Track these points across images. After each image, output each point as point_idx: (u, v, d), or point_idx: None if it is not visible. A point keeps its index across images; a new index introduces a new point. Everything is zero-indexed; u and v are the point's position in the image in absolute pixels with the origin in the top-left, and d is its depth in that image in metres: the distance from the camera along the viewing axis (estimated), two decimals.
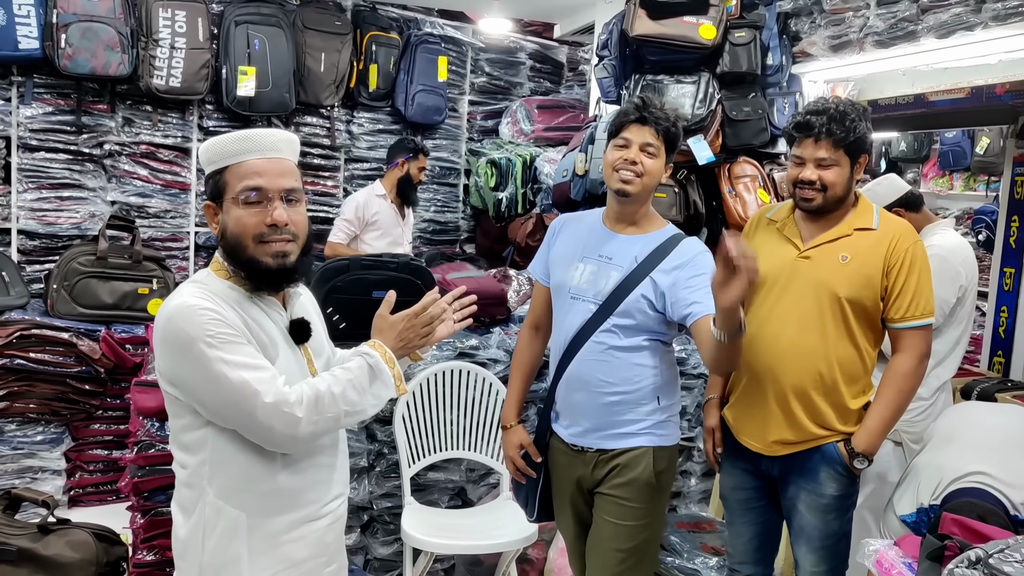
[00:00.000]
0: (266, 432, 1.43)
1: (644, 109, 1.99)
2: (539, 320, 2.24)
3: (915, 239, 2.07)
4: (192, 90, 3.81)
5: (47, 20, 3.48)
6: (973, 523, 1.73)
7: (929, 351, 2.09)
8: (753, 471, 2.21)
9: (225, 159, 1.48)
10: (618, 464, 2.03)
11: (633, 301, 1.97)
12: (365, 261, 2.85)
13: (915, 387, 2.08)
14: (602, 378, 2.01)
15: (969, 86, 3.94)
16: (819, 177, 2.03)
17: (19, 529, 2.21)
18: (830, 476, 2.07)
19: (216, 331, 1.40)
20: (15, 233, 3.67)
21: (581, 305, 2.02)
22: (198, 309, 1.40)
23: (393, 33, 4.60)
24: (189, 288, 1.47)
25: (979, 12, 2.78)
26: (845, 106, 2.04)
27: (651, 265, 1.98)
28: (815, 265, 2.08)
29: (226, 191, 1.47)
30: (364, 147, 4.69)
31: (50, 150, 3.71)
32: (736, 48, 3.42)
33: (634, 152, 1.98)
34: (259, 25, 4.00)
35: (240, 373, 1.39)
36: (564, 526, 2.22)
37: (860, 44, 3.29)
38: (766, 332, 2.11)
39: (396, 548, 2.77)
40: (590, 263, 2.04)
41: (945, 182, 6.92)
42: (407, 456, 2.70)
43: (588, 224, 2.13)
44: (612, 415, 2.02)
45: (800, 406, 2.07)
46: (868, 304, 2.04)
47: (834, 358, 2.05)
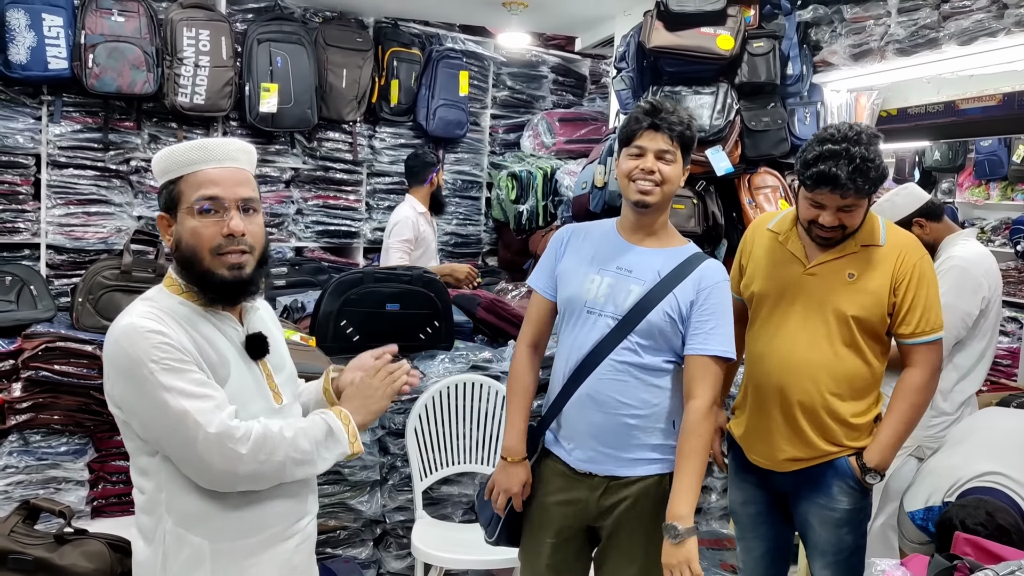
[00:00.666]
0: (204, 466, 1.37)
1: (656, 114, 1.89)
2: (539, 338, 2.08)
3: (922, 254, 2.03)
4: (216, 107, 3.88)
5: (75, 41, 3.57)
6: (986, 543, 1.67)
7: (941, 364, 2.06)
8: (763, 486, 2.17)
9: (180, 168, 1.44)
10: (631, 493, 1.91)
11: (656, 318, 1.86)
12: (378, 274, 2.87)
13: (927, 401, 2.05)
14: (620, 399, 1.89)
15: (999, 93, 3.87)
16: (840, 220, 1.96)
17: (36, 539, 2.25)
18: (842, 490, 2.04)
19: (161, 356, 1.35)
20: (44, 248, 3.75)
21: (599, 320, 1.90)
22: (144, 331, 1.36)
23: (415, 49, 4.64)
24: (139, 307, 1.42)
25: (1001, 18, 2.73)
26: (864, 149, 1.88)
27: (675, 281, 1.88)
28: (822, 283, 2.03)
29: (180, 201, 1.43)
30: (386, 161, 4.72)
31: (78, 167, 3.79)
32: (755, 58, 3.40)
33: (650, 161, 1.87)
34: (281, 43, 4.06)
35: (182, 402, 1.34)
36: (532, 553, 2.03)
37: (881, 52, 3.25)
38: (776, 349, 2.07)
39: (409, 562, 2.77)
40: (607, 275, 1.92)
41: (981, 192, 6.77)
42: (419, 469, 2.69)
43: (601, 234, 2.01)
44: (627, 439, 1.90)
45: (808, 423, 2.03)
46: (876, 321, 2.01)
47: (843, 375, 2.01)
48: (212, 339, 1.45)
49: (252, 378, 1.50)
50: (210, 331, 1.45)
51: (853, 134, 1.91)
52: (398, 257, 4.07)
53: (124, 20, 3.65)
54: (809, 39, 3.59)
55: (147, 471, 1.43)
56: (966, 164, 6.73)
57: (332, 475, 2.70)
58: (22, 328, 3.11)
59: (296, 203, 4.44)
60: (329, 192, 4.54)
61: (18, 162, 3.68)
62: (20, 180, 3.70)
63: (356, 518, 2.74)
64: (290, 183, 4.41)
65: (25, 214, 3.72)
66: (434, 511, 2.79)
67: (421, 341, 2.87)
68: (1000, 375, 5.18)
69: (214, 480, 1.40)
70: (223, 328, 1.49)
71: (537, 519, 2.01)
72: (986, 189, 6.73)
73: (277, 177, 4.35)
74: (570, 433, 1.96)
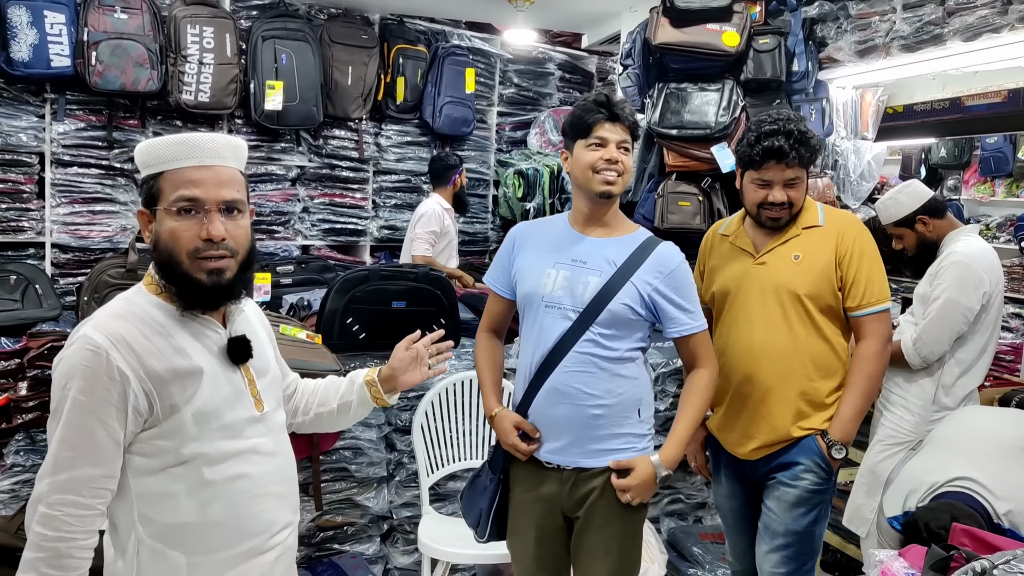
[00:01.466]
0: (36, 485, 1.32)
1: (612, 106, 1.92)
2: (496, 326, 2.14)
3: (860, 229, 2.13)
4: (221, 105, 3.87)
5: (78, 38, 3.56)
6: (983, 534, 1.69)
7: (890, 334, 2.13)
8: (743, 478, 2.23)
9: (160, 163, 1.37)
10: (599, 483, 1.93)
11: (616, 308, 1.88)
12: (384, 271, 2.86)
13: (882, 370, 2.12)
14: (585, 390, 1.90)
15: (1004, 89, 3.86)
16: (787, 196, 2.09)
17: None
18: (807, 468, 2.10)
19: (83, 383, 1.29)
20: (49, 247, 3.75)
21: (558, 314, 1.91)
22: (89, 348, 1.30)
23: (420, 46, 4.63)
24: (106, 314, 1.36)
25: (1005, 14, 2.73)
26: (799, 124, 2.09)
27: (630, 270, 1.90)
28: (771, 269, 2.13)
29: (160, 198, 1.36)
30: (392, 159, 4.72)
31: (82, 165, 3.78)
32: (760, 55, 3.39)
33: (612, 151, 1.90)
34: (286, 40, 4.05)
35: (59, 444, 1.30)
36: (518, 548, 2.06)
37: (887, 49, 3.24)
38: (737, 339, 2.16)
39: (416, 558, 2.76)
40: (563, 268, 1.93)
41: (987, 188, 6.75)
42: (426, 466, 2.69)
43: (554, 228, 2.03)
44: (594, 430, 1.91)
45: (780, 407, 2.10)
46: (828, 297, 2.09)
47: (806, 355, 2.10)
48: (185, 348, 1.38)
49: (231, 386, 1.44)
50: (184, 339, 1.39)
51: (784, 117, 2.10)
52: (424, 248, 4.15)
53: (127, 17, 3.64)
54: (814, 35, 3.58)
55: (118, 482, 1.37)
56: (972, 161, 6.71)
57: (339, 471, 2.70)
58: (27, 327, 3.11)
59: (302, 201, 4.43)
60: (335, 190, 4.54)
61: (22, 160, 3.67)
62: (24, 179, 3.69)
63: (363, 514, 2.74)
64: (296, 181, 4.41)
65: (29, 213, 3.71)
66: (441, 507, 2.79)
67: None
68: (1003, 370, 5.16)
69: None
70: (201, 333, 1.42)
71: (517, 516, 2.04)
72: (991, 186, 6.71)
73: (283, 175, 4.34)
74: (539, 427, 1.97)
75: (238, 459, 1.43)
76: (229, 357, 1.44)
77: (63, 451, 1.31)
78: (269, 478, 1.47)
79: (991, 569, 1.45)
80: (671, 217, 3.34)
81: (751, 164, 2.12)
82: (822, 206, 2.20)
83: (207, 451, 1.39)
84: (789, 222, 2.15)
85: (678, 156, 3.40)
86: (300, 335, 2.57)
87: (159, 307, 1.39)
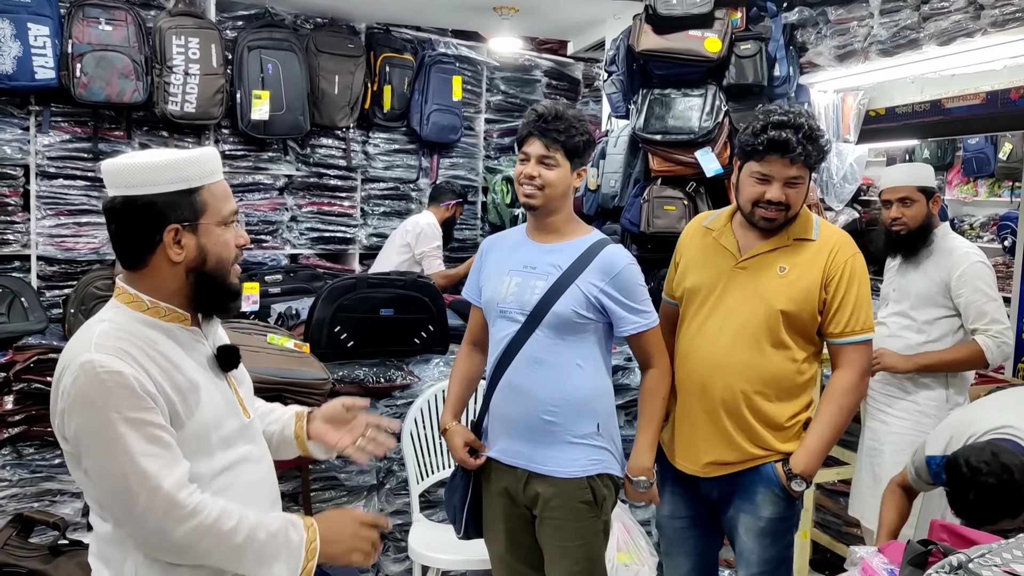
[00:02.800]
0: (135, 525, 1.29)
1: (539, 121, 1.96)
2: (476, 338, 2.22)
3: (854, 251, 1.98)
4: (207, 115, 3.87)
5: (62, 50, 3.56)
6: (962, 529, 1.70)
7: (869, 368, 2.01)
8: (691, 496, 2.11)
9: (203, 177, 1.38)
10: (549, 489, 1.97)
11: (561, 310, 1.93)
12: (372, 279, 2.87)
13: (856, 404, 1.99)
14: (535, 392, 1.96)
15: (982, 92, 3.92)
16: (786, 196, 1.92)
17: (31, 551, 2.25)
18: (767, 498, 1.98)
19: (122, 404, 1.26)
20: (34, 259, 3.74)
21: (508, 318, 1.99)
22: (103, 373, 1.26)
23: (407, 54, 4.64)
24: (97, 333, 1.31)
25: (978, 19, 2.79)
26: (810, 120, 1.92)
27: (575, 273, 1.95)
28: (752, 276, 1.99)
29: (206, 211, 1.38)
30: (380, 167, 4.73)
31: (68, 177, 3.77)
32: (742, 60, 3.42)
33: (532, 166, 1.97)
34: (272, 50, 4.06)
35: (131, 461, 1.26)
36: (493, 542, 2.15)
37: (865, 53, 3.29)
38: (698, 346, 2.03)
39: (407, 565, 2.77)
40: (516, 275, 2.02)
41: (970, 189, 6.84)
42: (415, 473, 2.70)
43: (513, 239, 2.13)
44: (544, 435, 1.96)
45: (733, 424, 1.97)
46: (806, 317, 1.95)
47: (769, 373, 1.96)
48: (178, 363, 1.37)
49: (222, 396, 1.45)
50: (176, 354, 1.38)
51: (796, 110, 1.93)
52: (438, 264, 4.25)
53: (112, 29, 3.64)
54: (795, 41, 3.62)
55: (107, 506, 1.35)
56: (955, 162, 6.81)
57: (328, 480, 2.70)
58: (13, 340, 3.09)
59: (290, 210, 4.44)
60: (323, 199, 4.54)
61: (6, 173, 3.66)
62: (9, 191, 3.68)
63: None
64: (284, 190, 4.41)
65: (15, 225, 3.70)
66: (431, 514, 2.79)
67: (416, 346, 2.88)
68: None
69: (146, 541, 1.31)
70: (189, 346, 1.42)
71: (488, 511, 2.13)
72: (974, 186, 6.80)
73: (271, 184, 4.34)
74: (495, 428, 2.07)
75: (232, 470, 1.43)
76: (220, 366, 1.46)
77: (149, 464, 1.27)
78: (257, 486, 1.49)
79: (967, 563, 1.47)
80: (657, 221, 3.36)
81: (753, 154, 1.93)
82: (819, 220, 2.04)
83: (206, 463, 1.39)
84: (781, 228, 1.99)
85: (663, 161, 3.43)
86: (288, 344, 2.58)
87: (146, 323, 1.37)
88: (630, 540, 2.72)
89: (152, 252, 1.36)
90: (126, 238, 1.37)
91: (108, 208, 1.37)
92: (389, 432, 1.67)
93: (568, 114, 1.98)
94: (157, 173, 1.34)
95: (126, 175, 1.34)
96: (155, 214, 1.34)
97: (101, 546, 1.38)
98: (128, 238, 1.37)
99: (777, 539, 2.01)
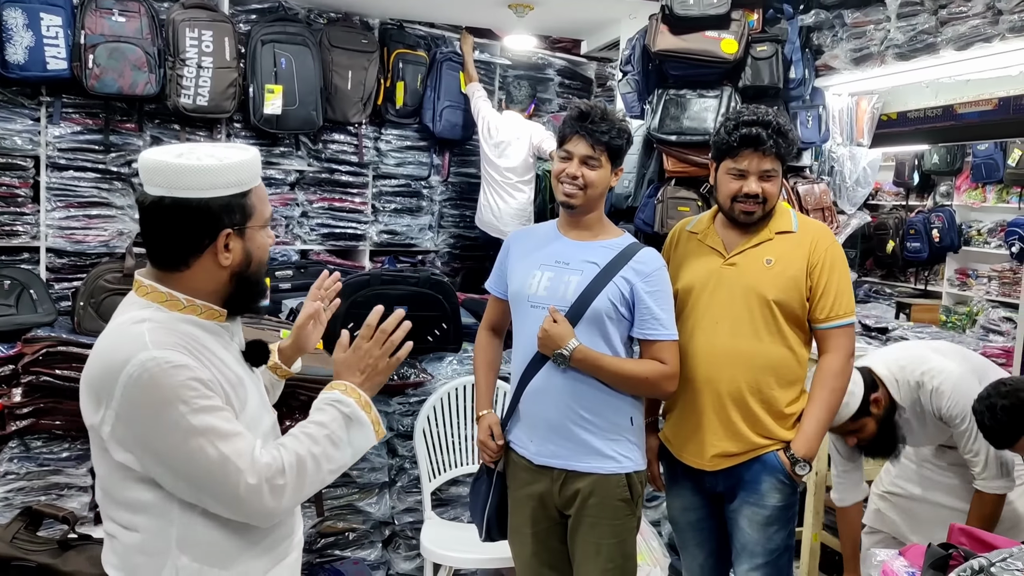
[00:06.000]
0: (248, 509, 1.28)
1: (584, 120, 1.97)
2: (495, 324, 2.25)
3: (832, 240, 2.10)
4: (219, 109, 3.85)
5: (75, 41, 3.54)
6: (980, 533, 1.75)
7: (854, 349, 2.10)
8: (699, 490, 2.17)
9: (252, 180, 1.35)
10: (588, 487, 1.97)
11: (600, 305, 1.95)
12: (386, 276, 2.86)
13: (845, 385, 2.10)
14: (573, 389, 1.96)
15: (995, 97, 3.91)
16: (762, 189, 2.05)
17: (39, 545, 2.22)
18: (772, 487, 2.05)
19: (191, 396, 1.23)
20: (43, 251, 3.71)
21: (542, 313, 1.98)
22: (169, 367, 1.23)
23: (420, 51, 4.62)
24: (152, 334, 1.27)
25: (996, 24, 2.78)
26: (778, 117, 2.07)
27: (614, 270, 1.98)
28: (741, 271, 2.08)
29: (254, 215, 1.35)
30: (392, 164, 4.70)
31: (78, 169, 3.75)
32: (758, 62, 3.41)
33: (575, 166, 1.97)
34: (285, 44, 4.04)
35: (221, 447, 1.24)
36: (519, 544, 2.14)
37: (881, 57, 3.28)
38: (698, 341, 2.10)
39: (418, 563, 2.76)
40: (547, 270, 2.02)
41: (978, 194, 6.84)
42: (428, 471, 2.69)
43: (542, 233, 2.14)
44: (584, 433, 1.96)
45: (739, 414, 2.05)
46: (796, 305, 2.06)
47: (769, 361, 2.05)
48: (223, 358, 1.36)
49: (258, 391, 1.44)
50: (219, 350, 1.36)
51: (763, 110, 2.08)
52: None
53: (125, 20, 3.62)
54: (811, 43, 3.62)
55: (148, 507, 1.30)
56: (963, 167, 6.80)
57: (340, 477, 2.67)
58: (22, 332, 3.08)
59: (301, 205, 4.41)
60: (335, 195, 4.51)
61: (16, 164, 3.63)
62: (19, 183, 3.65)
63: (365, 520, 2.73)
64: (295, 185, 4.39)
65: (24, 217, 3.67)
66: (442, 512, 2.78)
67: (429, 343, 2.86)
68: None
69: (254, 516, 1.31)
70: (227, 344, 1.40)
71: (515, 514, 2.12)
72: (983, 192, 6.79)
73: (282, 179, 4.32)
74: (528, 428, 2.05)
75: None
76: (250, 361, 1.45)
77: (238, 444, 1.26)
78: None
79: (988, 567, 1.49)
80: (671, 222, 3.34)
81: (728, 152, 2.06)
82: (795, 212, 2.16)
83: None
84: (761, 223, 2.10)
85: (677, 162, 3.42)
86: None
87: (187, 321, 1.34)
88: (642, 541, 2.71)
89: (198, 255, 1.32)
90: (169, 239, 1.32)
91: (151, 208, 1.30)
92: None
93: (612, 114, 2.00)
94: (215, 176, 1.29)
95: (181, 176, 1.27)
96: (209, 218, 1.30)
97: (127, 556, 1.32)
98: (172, 240, 1.32)
99: (781, 528, 2.08)
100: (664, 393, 2.08)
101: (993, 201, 6.69)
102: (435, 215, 4.92)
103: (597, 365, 1.95)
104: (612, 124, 1.97)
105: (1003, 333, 6.10)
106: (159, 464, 1.26)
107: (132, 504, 1.30)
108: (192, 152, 1.29)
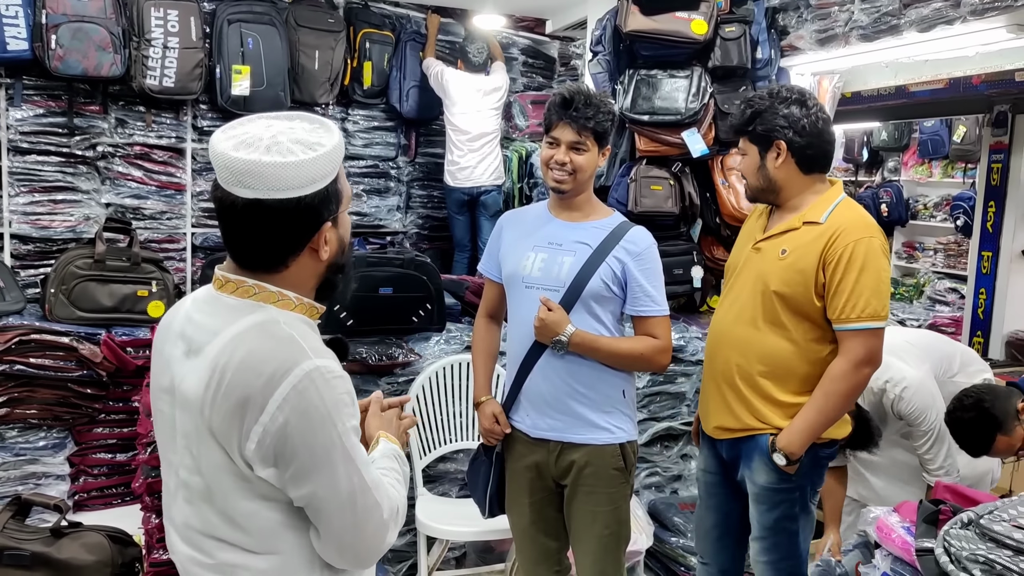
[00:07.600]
0: (367, 542, 1.21)
1: (568, 106, 2.00)
2: (493, 310, 2.27)
3: (860, 236, 1.93)
4: (186, 90, 3.79)
5: (36, 20, 3.44)
6: (963, 489, 1.89)
7: (870, 358, 1.95)
8: (714, 454, 2.24)
9: (340, 163, 1.23)
10: (584, 458, 2.05)
11: (595, 285, 2.01)
12: (371, 258, 2.87)
13: (846, 393, 1.98)
14: (570, 367, 2.03)
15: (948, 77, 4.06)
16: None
17: (31, 534, 2.21)
18: (761, 466, 2.06)
19: (346, 418, 1.17)
20: (8, 237, 3.63)
21: (537, 294, 2.03)
22: (334, 377, 1.16)
23: (387, 30, 4.59)
24: (304, 339, 1.17)
25: (958, 7, 2.87)
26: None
27: (607, 249, 2.02)
28: (761, 257, 2.08)
29: (343, 199, 1.24)
30: (360, 144, 4.67)
31: (42, 152, 3.67)
32: (727, 43, 3.48)
33: (562, 152, 2.01)
34: (252, 23, 3.98)
35: (364, 475, 1.18)
36: (516, 515, 2.19)
37: (845, 38, 3.36)
38: (716, 318, 2.20)
39: (409, 539, 2.80)
40: (541, 251, 2.07)
41: (924, 170, 7.08)
42: (419, 448, 2.73)
43: (534, 215, 2.17)
44: (579, 407, 2.04)
45: (731, 393, 2.10)
46: (801, 300, 1.97)
47: (761, 351, 2.03)
48: None
49: None
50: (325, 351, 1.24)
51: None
52: None
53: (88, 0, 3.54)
54: (777, 24, 3.69)
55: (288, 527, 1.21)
56: (911, 144, 7.02)
57: None
58: None
59: None
60: None
61: None
62: None
63: None
64: None
65: None
66: (433, 488, 2.83)
67: (414, 324, 2.90)
68: None
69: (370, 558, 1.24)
70: None
71: (512, 486, 2.17)
72: (929, 167, 7.03)
73: None
74: (526, 403, 2.10)
75: None
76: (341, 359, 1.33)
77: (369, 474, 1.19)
78: None
79: (977, 519, 1.61)
80: (644, 201, 3.42)
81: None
82: (838, 204, 2.02)
83: None
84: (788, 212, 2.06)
85: (649, 141, 3.48)
86: None
87: (303, 322, 1.23)
88: None
89: (298, 253, 1.21)
90: (269, 243, 1.19)
91: (245, 212, 1.16)
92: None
93: (596, 97, 2.02)
94: (314, 170, 1.16)
95: (280, 178, 1.14)
96: (311, 215, 1.18)
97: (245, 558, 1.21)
98: (273, 243, 1.19)
99: (772, 508, 2.08)
100: (659, 367, 2.16)
101: (939, 176, 6.94)
102: (403, 196, 4.91)
103: (594, 347, 2.02)
104: (597, 108, 1.99)
105: (949, 303, 6.36)
106: (306, 482, 1.15)
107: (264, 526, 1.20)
108: (277, 143, 1.15)
